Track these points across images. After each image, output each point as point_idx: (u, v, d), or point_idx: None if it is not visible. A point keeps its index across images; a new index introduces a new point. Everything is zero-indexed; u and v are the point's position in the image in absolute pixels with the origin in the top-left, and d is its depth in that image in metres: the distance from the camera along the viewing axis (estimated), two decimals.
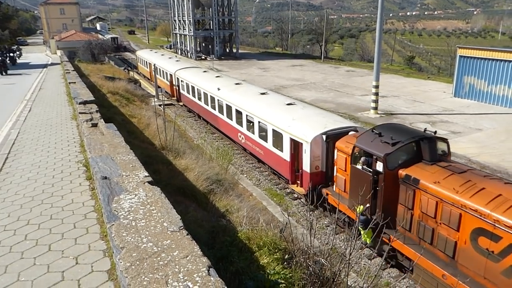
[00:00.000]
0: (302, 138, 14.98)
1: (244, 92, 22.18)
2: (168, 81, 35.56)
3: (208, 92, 25.01)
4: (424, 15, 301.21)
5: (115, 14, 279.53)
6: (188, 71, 31.79)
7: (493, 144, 22.58)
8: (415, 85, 40.99)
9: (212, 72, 32.30)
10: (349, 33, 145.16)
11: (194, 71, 31.55)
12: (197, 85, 27.41)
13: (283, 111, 17.64)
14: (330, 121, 15.91)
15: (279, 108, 18.25)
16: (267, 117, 17.91)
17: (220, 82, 25.39)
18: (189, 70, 32.53)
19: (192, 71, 31.65)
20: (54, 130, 11.83)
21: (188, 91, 29.65)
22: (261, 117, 18.32)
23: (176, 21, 75.86)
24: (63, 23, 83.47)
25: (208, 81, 26.49)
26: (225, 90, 23.22)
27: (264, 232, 7.26)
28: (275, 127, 16.94)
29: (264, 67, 57.12)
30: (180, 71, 32.37)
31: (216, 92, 23.63)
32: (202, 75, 29.07)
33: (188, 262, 3.57)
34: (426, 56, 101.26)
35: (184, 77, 30.66)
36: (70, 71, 25.14)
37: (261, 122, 18.25)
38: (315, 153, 14.52)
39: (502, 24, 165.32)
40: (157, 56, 43.96)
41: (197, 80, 28.05)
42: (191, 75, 30.02)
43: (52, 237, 5.60)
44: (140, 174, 5.80)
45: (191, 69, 33.27)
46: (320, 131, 14.70)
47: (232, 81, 25.91)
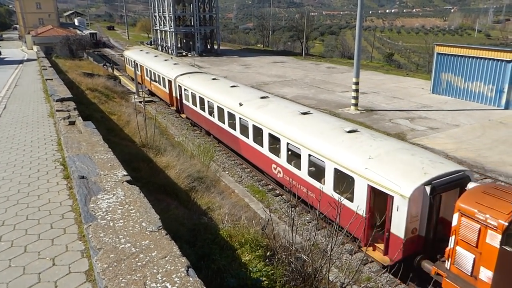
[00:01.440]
0: (393, 189, 10.58)
1: (277, 111, 17.36)
2: (166, 89, 30.26)
3: (225, 107, 20.21)
4: (403, 13, 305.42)
5: (93, 9, 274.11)
6: (194, 78, 26.41)
7: (469, 139, 23.13)
8: (394, 82, 41.61)
9: (224, 81, 25.52)
10: (329, 30, 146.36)
11: (201, 78, 26.01)
12: (208, 97, 22.36)
13: (349, 144, 13.05)
14: (425, 161, 11.37)
15: (340, 137, 13.58)
16: (324, 150, 13.29)
17: (240, 94, 20.58)
18: (195, 76, 27.08)
19: (198, 78, 26.22)
20: (30, 128, 11.52)
21: (195, 102, 24.50)
22: (314, 150, 13.71)
23: (157, 17, 74.94)
24: (40, 18, 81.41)
25: (223, 93, 21.55)
26: (250, 107, 18.45)
27: (246, 229, 7.26)
28: (340, 166, 12.49)
29: (246, 63, 57.03)
30: (183, 77, 27.13)
31: (237, 108, 18.90)
32: (213, 84, 23.67)
33: (166, 262, 3.52)
34: (405, 53, 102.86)
35: (189, 85, 25.45)
36: (47, 68, 24.55)
37: (314, 156, 13.68)
38: (413, 212, 10.38)
39: (478, 22, 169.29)
40: (150, 58, 38.15)
41: (207, 91, 22.91)
42: (198, 84, 24.83)
43: (28, 238, 5.45)
44: (119, 173, 5.70)
45: (197, 75, 27.71)
46: (421, 180, 10.43)
47: (256, 93, 20.99)
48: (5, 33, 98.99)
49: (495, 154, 20.78)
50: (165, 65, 32.70)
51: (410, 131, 24.82)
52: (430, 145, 21.85)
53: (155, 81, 32.96)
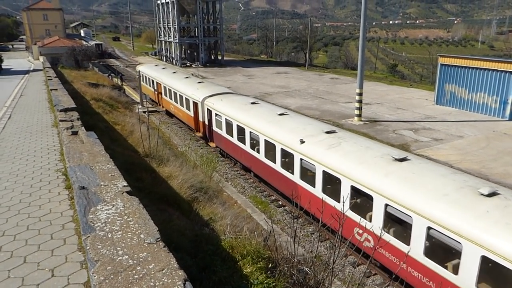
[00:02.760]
0: None
1: (358, 154, 12.80)
2: (190, 111, 25.88)
3: (277, 142, 15.91)
4: (406, 24, 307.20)
5: (99, 20, 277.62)
6: (227, 101, 21.88)
7: (474, 151, 22.99)
8: (398, 93, 41.59)
9: (268, 106, 21.04)
10: (333, 41, 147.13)
11: (238, 102, 21.42)
12: (251, 126, 18.06)
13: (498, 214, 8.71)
14: None
15: (474, 201, 9.32)
16: (457, 225, 8.96)
17: (294, 125, 16.34)
18: (228, 99, 22.43)
19: (233, 102, 21.68)
20: (34, 138, 11.57)
21: (230, 131, 20.15)
22: (437, 221, 9.36)
23: (161, 28, 75.67)
24: (46, 29, 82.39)
25: (271, 123, 17.16)
26: (315, 145, 14.17)
27: (247, 240, 7.20)
28: (495, 255, 8.18)
29: (249, 74, 57.27)
30: (213, 100, 22.75)
31: (297, 145, 14.68)
32: (254, 110, 19.29)
33: (163, 275, 3.48)
34: (409, 64, 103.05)
35: (222, 109, 21.07)
36: (52, 78, 24.76)
37: (437, 229, 9.38)
38: None
39: (481, 33, 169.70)
40: (168, 74, 33.69)
41: (248, 118, 18.67)
42: (234, 108, 20.41)
43: (28, 248, 5.42)
44: (119, 183, 5.68)
45: (230, 97, 23.17)
46: None
47: (316, 125, 16.46)
48: (13, 43, 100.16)
49: (499, 166, 20.62)
50: (188, 83, 28.23)
51: (414, 142, 24.72)
52: (434, 156, 21.72)
53: (176, 101, 28.74)
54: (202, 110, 23.79)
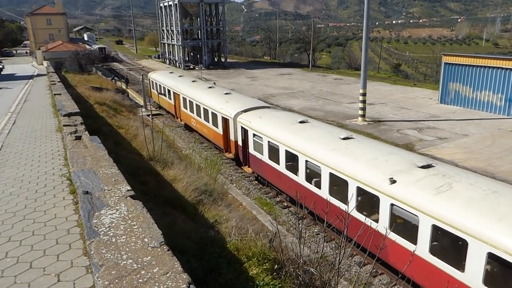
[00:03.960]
0: None
1: (488, 202, 9.33)
2: (218, 128, 22.17)
3: (350, 178, 12.20)
4: (410, 23, 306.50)
5: (102, 24, 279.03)
6: (268, 118, 18.17)
7: (479, 149, 22.85)
8: (401, 92, 41.45)
9: (323, 126, 17.32)
10: (336, 41, 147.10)
11: (282, 119, 17.74)
12: (308, 154, 14.32)
13: None
14: None
15: None
16: None
17: (370, 154, 12.78)
18: (269, 115, 18.72)
19: (276, 119, 18.01)
20: (39, 143, 11.62)
21: (275, 157, 16.42)
22: None
23: (164, 31, 75.93)
24: (50, 34, 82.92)
25: (336, 151, 13.54)
26: (413, 186, 10.56)
27: (253, 242, 7.19)
28: None
29: (253, 76, 57.31)
30: (249, 116, 19.10)
31: (384, 186, 11.00)
32: (307, 132, 15.56)
33: (168, 279, 3.48)
34: (412, 64, 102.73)
35: (263, 130, 17.38)
36: (56, 82, 24.89)
37: None
38: None
39: (485, 31, 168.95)
40: (187, 83, 29.85)
41: (302, 142, 14.98)
42: (279, 128, 16.78)
43: (33, 253, 5.44)
44: (123, 188, 5.68)
45: (270, 112, 19.43)
46: None
47: (401, 154, 12.92)
48: (17, 48, 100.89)
49: (505, 164, 20.48)
50: (214, 94, 24.61)
51: (419, 141, 24.61)
52: (439, 155, 21.60)
53: (198, 115, 25.07)
54: (235, 128, 20.13)
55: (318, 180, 13.92)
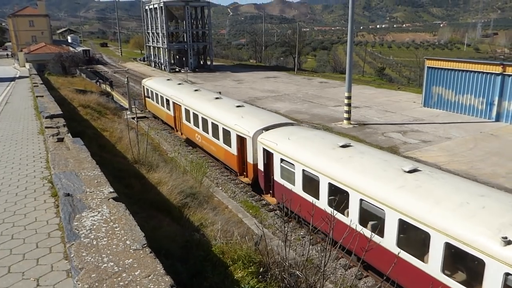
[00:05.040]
0: None
1: None
2: (231, 148, 19.20)
3: (433, 230, 9.44)
4: (393, 28, 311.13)
5: (87, 26, 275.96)
6: (301, 141, 15.15)
7: (462, 152, 23.23)
8: (386, 96, 41.94)
9: (368, 150, 14.11)
10: (321, 45, 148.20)
11: (319, 143, 14.67)
12: (365, 193, 11.34)
13: None
14: None
15: None
16: None
17: (461, 198, 9.79)
18: (301, 136, 15.59)
19: (311, 142, 14.89)
20: (20, 146, 11.37)
21: (313, 191, 13.41)
22: None
23: (150, 34, 75.45)
24: (33, 36, 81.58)
25: (405, 190, 10.62)
26: None
27: (238, 245, 7.16)
28: None
29: (239, 79, 57.32)
30: (272, 136, 16.24)
31: (492, 246, 8.22)
32: (359, 161, 12.64)
33: (150, 281, 3.41)
34: (396, 68, 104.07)
35: (295, 155, 14.41)
36: (38, 85, 24.46)
37: None
38: None
39: (467, 36, 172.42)
40: (189, 92, 26.75)
41: (354, 177, 11.97)
42: (320, 156, 13.70)
43: (12, 258, 5.29)
44: (105, 190, 5.58)
45: (301, 133, 16.17)
46: None
47: (509, 201, 9.67)
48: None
49: (487, 166, 20.86)
50: (223, 107, 21.69)
51: (403, 144, 24.90)
52: (422, 158, 21.90)
53: (205, 130, 21.99)
54: (253, 149, 17.24)
55: (378, 225, 10.81)
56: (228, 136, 19.28)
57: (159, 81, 33.13)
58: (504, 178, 19.23)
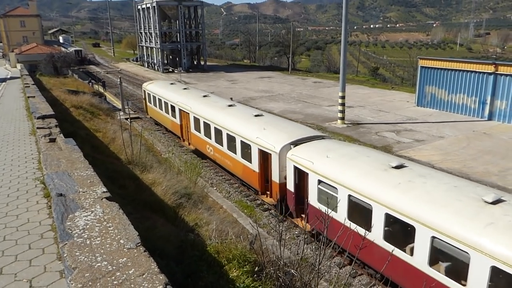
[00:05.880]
0: None
1: None
2: (251, 163, 17.05)
3: None
4: (387, 28, 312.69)
5: (79, 26, 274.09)
6: (341, 159, 13.23)
7: (455, 151, 23.38)
8: (379, 95, 42.11)
9: (428, 171, 11.92)
10: (315, 45, 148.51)
11: (365, 163, 12.60)
12: (438, 229, 9.35)
13: None
14: None
15: None
16: None
17: None
18: (341, 154, 13.61)
19: (354, 161, 12.87)
20: (11, 147, 11.25)
21: (363, 221, 10.99)
22: None
23: (143, 34, 75.12)
24: (24, 36, 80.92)
25: (496, 230, 8.49)
26: None
27: (233, 245, 7.15)
28: None
29: (233, 79, 57.27)
30: (305, 152, 14.27)
31: None
32: (421, 188, 10.68)
33: (144, 280, 3.39)
34: (390, 67, 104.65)
35: (339, 177, 12.32)
36: (30, 85, 24.25)
37: None
38: None
39: (459, 36, 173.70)
40: (197, 98, 24.42)
41: (423, 208, 9.91)
42: (370, 179, 11.70)
43: (4, 259, 5.23)
44: (98, 190, 5.54)
45: (341, 149, 14.22)
46: None
47: None
48: None
49: (480, 165, 21.01)
50: (240, 116, 19.61)
51: (396, 143, 25.01)
52: (416, 157, 22.01)
53: (219, 143, 19.86)
54: (280, 166, 15.18)
55: (456, 268, 9.10)
56: (247, 150, 17.16)
57: (162, 85, 30.64)
58: (497, 176, 19.38)
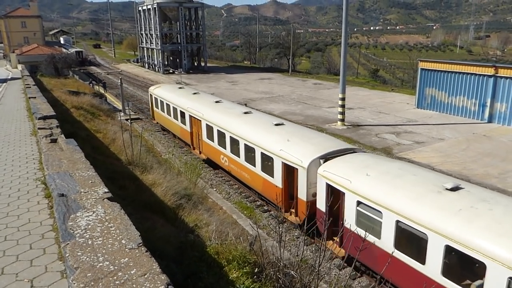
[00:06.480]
0: None
1: None
2: (274, 178, 15.49)
3: None
4: (387, 30, 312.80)
5: (79, 27, 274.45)
6: (387, 178, 11.47)
7: (455, 153, 23.40)
8: (380, 97, 42.15)
9: (503, 199, 9.82)
10: (315, 47, 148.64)
11: (414, 183, 10.94)
12: None
13: None
14: None
15: None
16: None
17: None
18: (383, 171, 11.95)
19: (399, 178, 11.36)
20: (12, 147, 11.28)
21: (416, 252, 9.96)
22: None
23: (143, 35, 75.21)
24: (25, 37, 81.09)
25: None
26: None
27: (233, 246, 7.16)
28: None
29: (233, 80, 57.31)
30: (341, 168, 12.66)
31: None
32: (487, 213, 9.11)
33: (146, 280, 3.41)
34: (390, 69, 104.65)
35: (384, 200, 10.69)
36: (31, 86, 24.29)
37: None
38: None
39: (459, 39, 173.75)
40: (209, 103, 22.84)
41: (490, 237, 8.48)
42: (430, 206, 9.81)
43: (5, 259, 5.25)
44: (100, 190, 5.57)
45: (382, 165, 12.48)
46: None
47: None
48: None
49: (480, 167, 21.03)
50: (258, 124, 18.14)
51: (396, 145, 25.04)
52: (416, 159, 22.03)
53: (235, 153, 18.35)
54: (308, 183, 13.58)
55: None
56: (269, 163, 15.67)
57: (170, 89, 29.02)
58: (497, 179, 19.40)
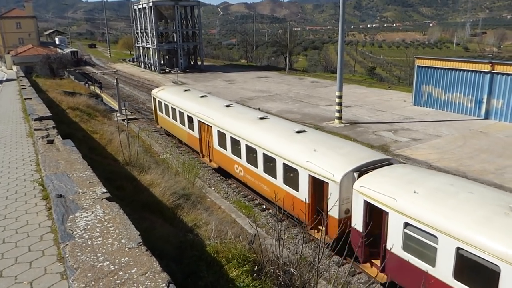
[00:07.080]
0: None
1: None
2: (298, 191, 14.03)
3: None
4: (384, 27, 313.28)
5: (75, 27, 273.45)
6: (438, 197, 9.98)
7: (451, 149, 23.47)
8: (376, 95, 42.20)
9: None
10: (312, 45, 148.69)
11: (472, 205, 9.45)
12: None
13: None
14: None
15: None
16: None
17: None
18: (432, 187, 10.45)
19: (452, 197, 9.85)
20: (9, 149, 11.23)
21: (479, 283, 8.66)
22: None
23: (139, 34, 74.98)
24: (20, 38, 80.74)
25: None
26: None
27: (232, 244, 7.17)
28: None
29: (230, 79, 57.26)
30: (381, 183, 11.24)
31: None
32: None
33: (146, 279, 3.41)
34: (387, 67, 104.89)
35: (440, 223, 9.17)
36: (26, 87, 24.19)
37: None
38: None
39: (456, 36, 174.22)
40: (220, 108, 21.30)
41: None
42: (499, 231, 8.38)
43: (4, 262, 5.22)
44: (98, 190, 5.55)
45: (435, 181, 10.82)
46: None
47: None
48: None
49: (476, 163, 21.11)
50: (277, 132, 16.56)
51: (394, 142, 25.09)
52: (413, 156, 22.09)
53: (252, 163, 16.94)
54: (341, 199, 12.02)
55: None
56: (292, 174, 14.25)
57: (175, 92, 27.37)
58: (493, 175, 19.48)
